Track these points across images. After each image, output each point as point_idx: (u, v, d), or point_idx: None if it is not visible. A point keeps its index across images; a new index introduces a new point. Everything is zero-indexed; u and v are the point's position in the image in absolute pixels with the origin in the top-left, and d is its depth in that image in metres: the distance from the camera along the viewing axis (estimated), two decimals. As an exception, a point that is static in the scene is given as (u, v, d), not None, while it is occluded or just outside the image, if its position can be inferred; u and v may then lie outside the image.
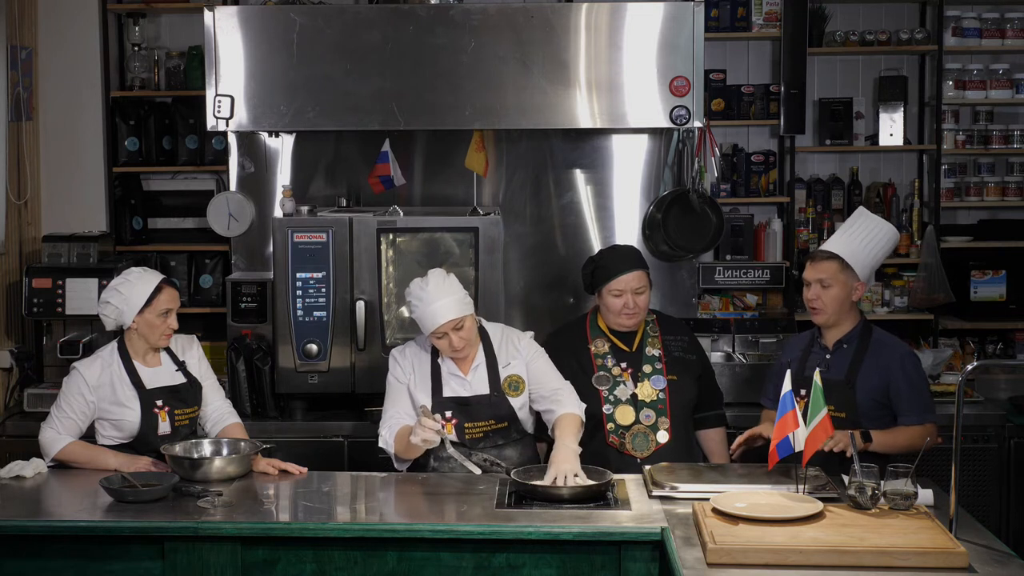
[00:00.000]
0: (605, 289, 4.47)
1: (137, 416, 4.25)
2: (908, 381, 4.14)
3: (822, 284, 4.19)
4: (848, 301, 4.20)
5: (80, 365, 4.32)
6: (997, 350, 6.07)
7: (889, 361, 4.16)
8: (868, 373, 4.16)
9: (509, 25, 5.14)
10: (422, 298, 4.22)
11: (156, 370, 4.36)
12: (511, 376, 4.34)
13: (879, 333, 4.26)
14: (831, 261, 4.20)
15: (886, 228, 4.28)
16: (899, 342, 4.27)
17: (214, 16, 5.14)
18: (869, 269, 4.24)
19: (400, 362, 4.37)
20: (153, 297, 4.28)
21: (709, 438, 4.65)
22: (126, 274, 4.36)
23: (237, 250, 5.68)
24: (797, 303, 5.95)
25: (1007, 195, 6.10)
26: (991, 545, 3.47)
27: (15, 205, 5.67)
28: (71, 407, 4.26)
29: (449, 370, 4.31)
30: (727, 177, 6.01)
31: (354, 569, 3.70)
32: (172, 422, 4.31)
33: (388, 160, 5.46)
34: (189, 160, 5.98)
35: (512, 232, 5.55)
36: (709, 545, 3.32)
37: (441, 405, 4.26)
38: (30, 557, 3.74)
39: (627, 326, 4.51)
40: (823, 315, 4.22)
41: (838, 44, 6.03)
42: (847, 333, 4.23)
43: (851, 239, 4.23)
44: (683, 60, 5.14)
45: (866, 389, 4.15)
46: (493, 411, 4.29)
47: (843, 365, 4.20)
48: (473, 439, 4.27)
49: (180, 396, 4.35)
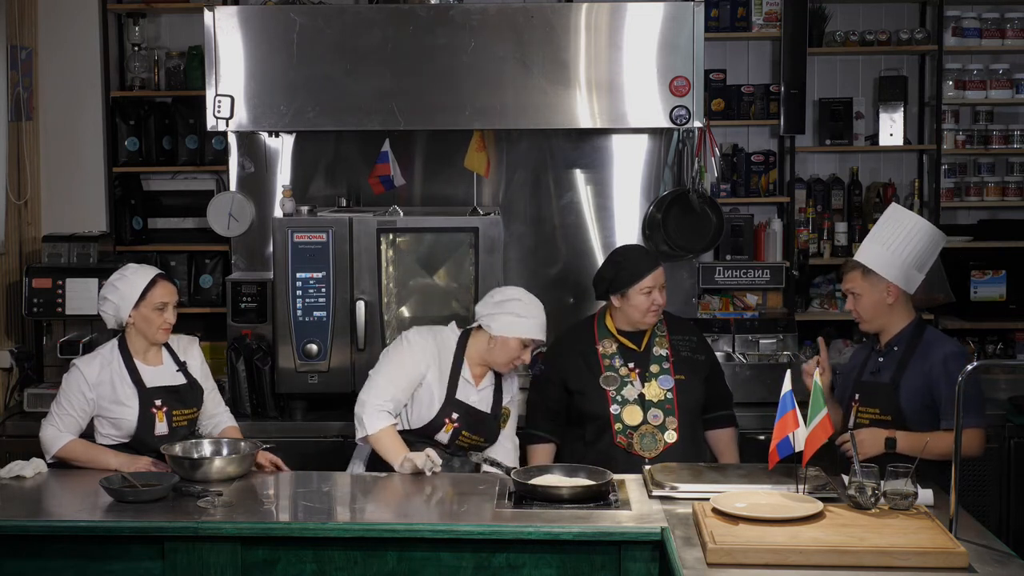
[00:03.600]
0: (635, 288, 4.46)
1: (135, 415, 4.25)
2: (950, 383, 3.84)
3: (852, 294, 4.18)
4: (883, 305, 4.12)
5: (80, 362, 4.32)
6: (997, 350, 6.07)
7: (933, 362, 4.06)
8: (913, 375, 4.08)
9: (509, 25, 5.14)
10: (530, 308, 4.30)
11: (157, 369, 4.35)
12: (505, 408, 4.45)
13: (931, 334, 4.17)
14: (854, 270, 4.16)
15: (914, 223, 4.14)
16: (948, 342, 4.17)
17: (214, 16, 5.14)
18: (899, 268, 4.09)
19: (422, 344, 4.33)
20: (148, 291, 4.28)
21: (719, 439, 4.65)
22: (122, 270, 4.37)
23: (237, 250, 5.69)
24: (797, 303, 5.96)
25: (1007, 195, 6.10)
26: (991, 545, 3.47)
27: (15, 205, 5.67)
28: (71, 404, 4.26)
29: (464, 376, 4.34)
30: (727, 177, 6.01)
31: (354, 569, 3.70)
32: (170, 423, 4.30)
33: (388, 160, 5.46)
34: (189, 160, 5.98)
35: (512, 232, 5.55)
36: (709, 545, 3.31)
37: (451, 405, 4.28)
38: (30, 557, 3.73)
39: (652, 323, 4.52)
40: (864, 323, 4.19)
41: (838, 44, 6.03)
42: (896, 335, 4.16)
43: (873, 243, 4.15)
44: (683, 60, 5.14)
45: (910, 391, 4.07)
46: (487, 430, 4.37)
47: (892, 367, 4.13)
48: (459, 446, 4.33)
49: (179, 397, 4.35)
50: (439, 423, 4.28)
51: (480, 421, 4.34)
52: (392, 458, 4.19)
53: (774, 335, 5.71)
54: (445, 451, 4.31)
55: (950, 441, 3.58)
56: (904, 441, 3.96)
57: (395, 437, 4.23)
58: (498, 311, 4.30)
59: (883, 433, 3.96)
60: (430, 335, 4.39)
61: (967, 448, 3.86)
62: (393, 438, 4.22)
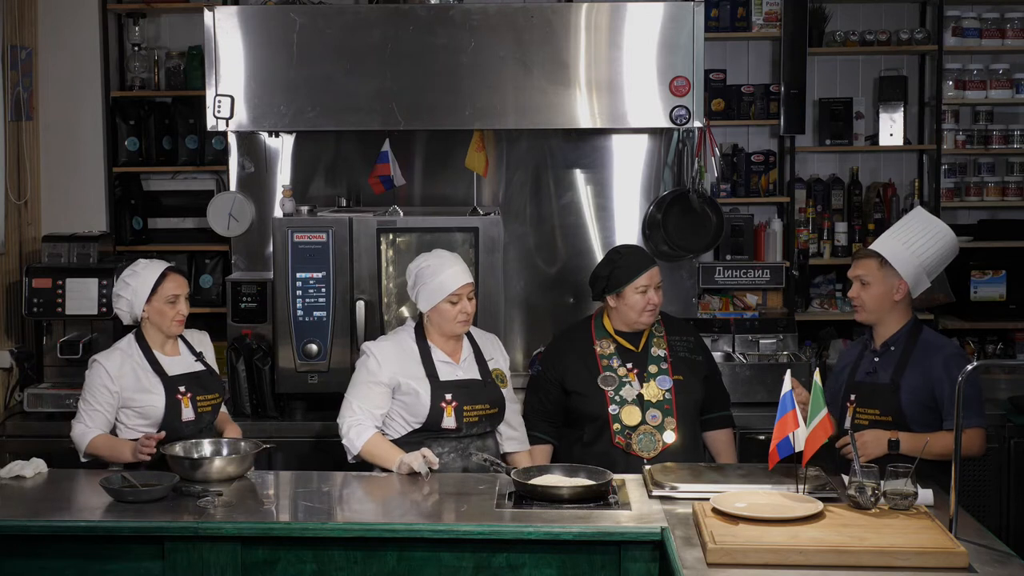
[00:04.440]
0: (630, 287, 4.46)
1: (162, 401, 4.28)
2: (953, 383, 3.84)
3: (861, 281, 4.14)
4: (889, 300, 4.11)
5: (99, 356, 4.35)
6: (997, 350, 6.07)
7: (934, 363, 4.05)
8: (913, 375, 4.07)
9: (509, 25, 5.14)
10: (438, 264, 4.29)
11: (175, 359, 4.40)
12: (495, 370, 4.43)
13: (928, 334, 4.17)
14: (870, 259, 4.13)
15: (937, 228, 4.15)
16: (948, 343, 4.18)
17: (214, 16, 5.14)
18: (914, 268, 4.09)
19: (376, 355, 4.32)
20: (159, 284, 4.33)
21: (716, 439, 4.65)
22: (132, 266, 4.43)
23: (237, 250, 5.69)
24: (797, 303, 5.96)
25: (1007, 195, 6.10)
26: (991, 545, 3.47)
27: (15, 205, 5.67)
28: (96, 399, 4.28)
29: (439, 358, 4.34)
30: (727, 177, 6.01)
31: (354, 569, 3.70)
32: (195, 408, 4.34)
33: (388, 160, 5.46)
34: (189, 160, 5.98)
35: (512, 232, 5.55)
36: (709, 545, 3.31)
37: (441, 388, 4.27)
38: (30, 557, 3.73)
39: (648, 323, 4.52)
40: (863, 313, 4.17)
41: (838, 44, 6.03)
42: (894, 334, 4.15)
43: (895, 238, 4.14)
44: (683, 60, 5.14)
45: (911, 392, 4.06)
46: (488, 395, 4.35)
47: (890, 367, 4.12)
48: (469, 423, 4.30)
49: (201, 383, 4.39)
50: (437, 410, 4.27)
51: (475, 390, 4.32)
52: (388, 464, 4.20)
53: (774, 335, 5.71)
54: (459, 440, 4.29)
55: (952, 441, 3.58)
56: (907, 443, 3.95)
57: (383, 444, 4.23)
58: (416, 288, 4.33)
59: (886, 435, 3.96)
60: (387, 340, 4.42)
61: (968, 448, 3.88)
62: (381, 446, 4.23)
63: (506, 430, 4.47)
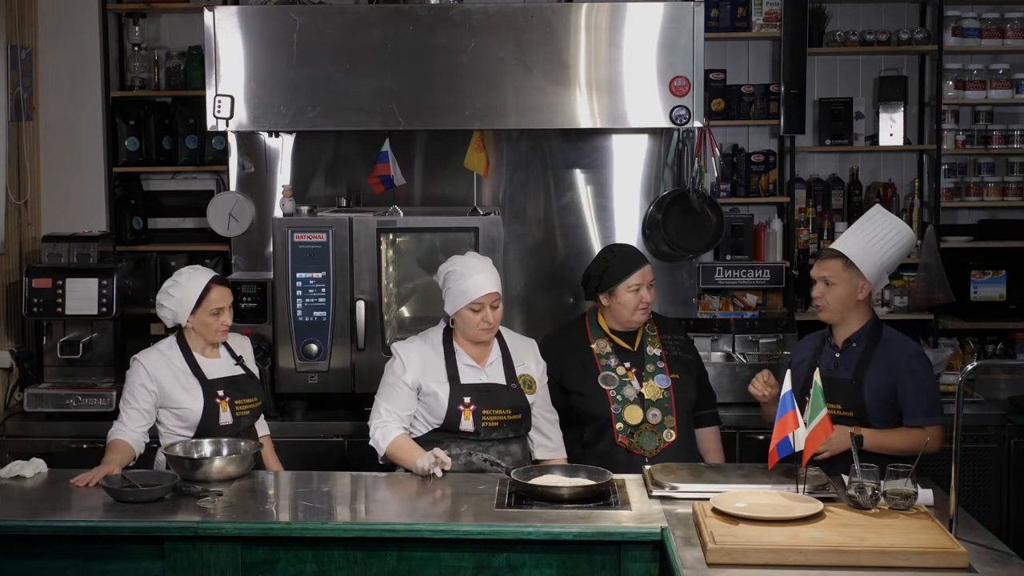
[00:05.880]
0: (623, 286, 4.46)
1: (200, 404, 4.27)
2: (915, 381, 4.10)
3: (826, 282, 4.18)
4: (853, 299, 4.17)
5: (140, 355, 4.35)
6: (997, 350, 6.07)
7: (897, 360, 4.12)
8: (875, 372, 4.13)
9: (509, 25, 5.14)
10: (464, 270, 4.26)
11: (216, 362, 4.39)
12: (524, 375, 4.38)
13: (889, 332, 4.22)
14: (835, 260, 4.18)
15: (898, 228, 4.22)
16: (909, 341, 4.23)
17: (214, 16, 5.14)
18: (877, 268, 4.16)
19: (403, 356, 4.33)
20: (203, 297, 4.31)
21: (704, 437, 4.65)
22: (176, 275, 4.39)
23: (237, 250, 5.69)
24: (797, 303, 5.96)
25: (1007, 195, 6.10)
26: (991, 545, 3.47)
27: (15, 205, 5.67)
28: (135, 398, 4.28)
29: (464, 362, 4.32)
30: (727, 177, 6.01)
31: (354, 569, 3.70)
32: (233, 412, 4.33)
33: (388, 160, 5.46)
34: (189, 160, 5.98)
35: (512, 232, 5.55)
36: (709, 545, 3.32)
37: (460, 391, 4.26)
38: (30, 557, 3.74)
39: (641, 322, 4.52)
40: (827, 312, 4.21)
41: (838, 44, 6.03)
42: (856, 332, 4.20)
43: (858, 238, 4.19)
44: (683, 60, 5.14)
45: (873, 388, 4.11)
46: (511, 401, 4.31)
47: (851, 364, 4.17)
48: (488, 427, 4.27)
49: (239, 387, 4.38)
50: (455, 412, 4.26)
51: (496, 394, 4.30)
52: (407, 464, 4.21)
53: (774, 335, 5.71)
54: (478, 442, 4.27)
55: (912, 438, 4.03)
56: (871, 439, 4.01)
57: (406, 446, 4.23)
58: (444, 291, 4.31)
59: (848, 430, 3.97)
60: (414, 341, 4.41)
61: (930, 445, 3.95)
62: (404, 448, 4.22)
63: (537, 437, 4.43)
